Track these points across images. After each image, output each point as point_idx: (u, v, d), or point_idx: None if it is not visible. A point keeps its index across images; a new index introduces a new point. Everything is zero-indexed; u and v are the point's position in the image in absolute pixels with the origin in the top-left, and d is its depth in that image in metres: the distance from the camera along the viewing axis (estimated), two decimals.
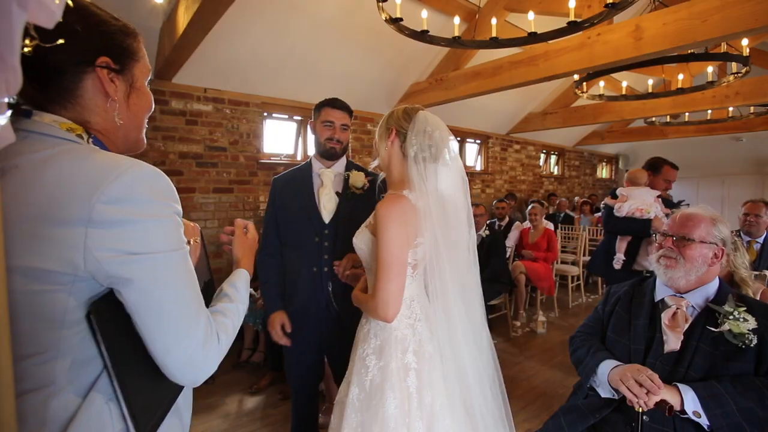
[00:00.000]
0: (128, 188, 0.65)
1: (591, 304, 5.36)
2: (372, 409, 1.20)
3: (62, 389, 0.65)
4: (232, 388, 3.06)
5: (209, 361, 0.73)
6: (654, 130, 7.93)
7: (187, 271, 0.72)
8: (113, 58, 0.74)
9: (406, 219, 1.21)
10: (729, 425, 1.17)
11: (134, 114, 0.81)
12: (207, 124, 4.01)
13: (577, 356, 1.52)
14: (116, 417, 0.69)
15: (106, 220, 0.62)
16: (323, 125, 1.84)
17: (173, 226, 0.70)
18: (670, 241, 1.43)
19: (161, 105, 3.73)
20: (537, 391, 3.07)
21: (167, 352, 0.68)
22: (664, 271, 1.42)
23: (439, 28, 3.93)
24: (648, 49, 3.02)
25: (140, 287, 0.66)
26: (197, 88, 3.91)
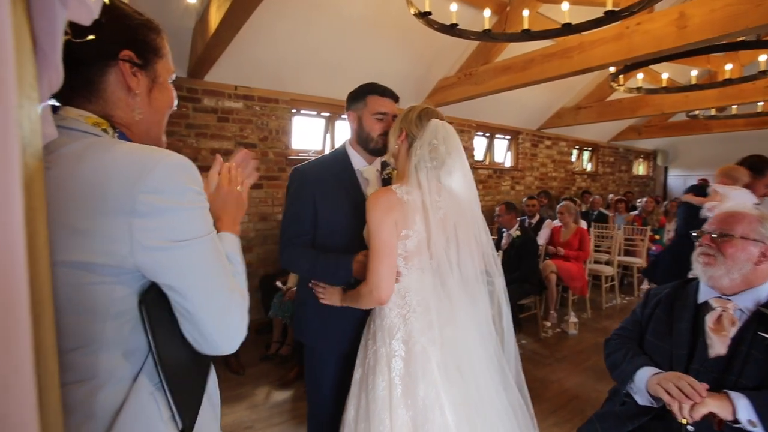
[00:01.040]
0: (167, 178, 0.66)
1: (626, 306, 5.15)
2: (367, 388, 1.32)
3: (107, 381, 0.67)
4: (260, 380, 3.13)
5: (245, 323, 0.77)
6: (697, 124, 7.52)
7: (219, 250, 0.75)
8: (136, 53, 0.75)
9: (391, 209, 1.31)
10: None
11: (155, 109, 0.82)
12: (237, 121, 4.10)
13: (613, 360, 1.45)
14: (163, 406, 0.71)
15: (149, 210, 0.64)
16: (374, 118, 1.56)
17: (206, 212, 0.73)
18: (708, 237, 1.35)
19: (194, 103, 3.84)
20: (568, 395, 2.98)
21: (217, 329, 0.72)
22: (703, 269, 1.35)
23: (469, 22, 3.86)
24: (693, 38, 2.85)
25: (187, 272, 0.68)
26: (228, 85, 4.00)
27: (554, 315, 4.39)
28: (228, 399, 2.81)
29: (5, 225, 0.38)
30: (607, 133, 8.70)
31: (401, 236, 1.34)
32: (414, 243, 1.35)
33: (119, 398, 0.67)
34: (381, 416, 1.25)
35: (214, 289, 0.71)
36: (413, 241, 1.35)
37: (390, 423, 1.24)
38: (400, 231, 1.33)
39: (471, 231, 1.40)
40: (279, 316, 3.44)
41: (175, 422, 0.71)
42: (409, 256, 1.37)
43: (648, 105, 5.98)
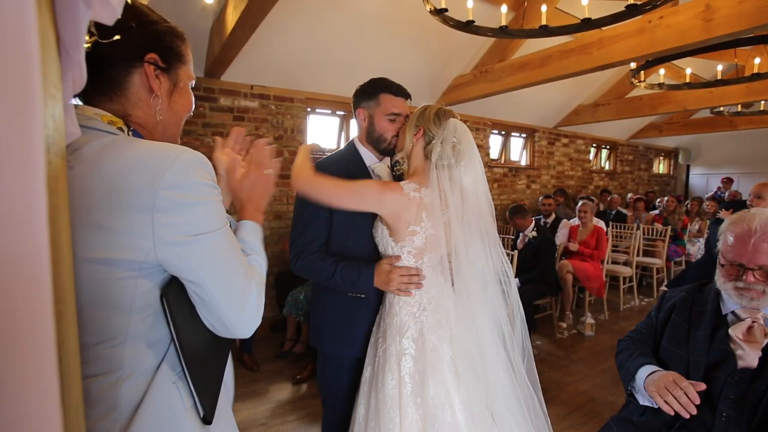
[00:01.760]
0: (184, 173, 0.68)
1: (644, 308, 5.04)
2: (377, 386, 1.33)
3: (131, 373, 0.69)
4: (275, 378, 3.16)
5: (261, 310, 0.79)
6: (722, 121, 7.31)
7: (234, 241, 0.77)
8: (161, 57, 0.78)
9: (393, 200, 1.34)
10: None
11: (174, 111, 0.84)
12: (253, 120, 4.14)
13: (620, 360, 1.43)
14: (185, 395, 0.73)
15: (169, 206, 0.66)
16: (387, 119, 1.51)
17: (219, 205, 0.75)
18: (751, 275, 1.23)
19: (210, 102, 3.89)
20: (585, 397, 2.93)
21: (235, 316, 0.74)
22: (749, 302, 1.25)
23: (486, 18, 3.81)
24: (720, 31, 2.76)
25: (205, 264, 0.70)
26: (244, 85, 4.05)
27: (570, 316, 4.32)
28: (243, 395, 2.84)
29: (30, 224, 0.38)
30: (627, 131, 8.52)
31: (408, 232, 1.36)
32: (422, 240, 1.37)
33: (142, 388, 0.69)
34: (390, 414, 1.26)
35: (231, 278, 0.73)
36: (421, 238, 1.37)
37: (399, 421, 1.24)
38: (405, 227, 1.36)
39: (483, 230, 1.40)
40: (293, 314, 3.47)
41: (196, 410, 0.74)
42: (418, 254, 1.38)
43: (670, 101, 5.82)
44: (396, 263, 1.40)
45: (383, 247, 1.45)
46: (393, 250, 1.41)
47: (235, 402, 3.04)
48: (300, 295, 3.43)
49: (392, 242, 1.40)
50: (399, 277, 1.38)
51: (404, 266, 1.40)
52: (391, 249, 1.41)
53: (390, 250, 1.42)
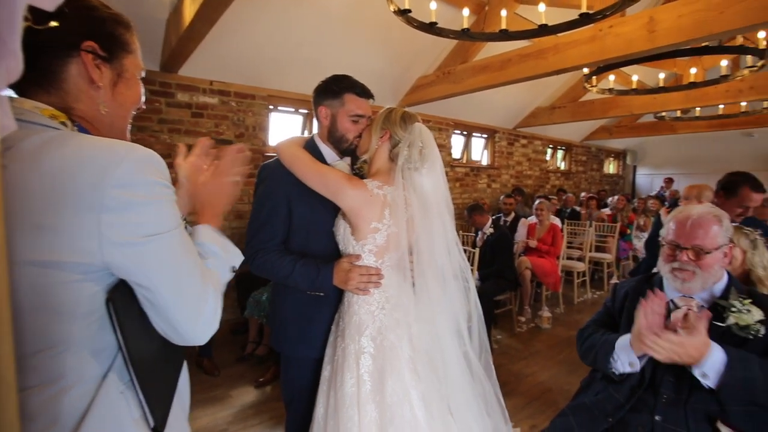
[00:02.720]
0: (135, 171, 0.64)
1: (596, 301, 5.32)
2: (336, 385, 1.33)
3: (74, 383, 0.64)
4: (237, 381, 3.07)
5: (218, 315, 0.76)
6: (663, 125, 7.82)
7: (188, 242, 0.74)
8: (101, 45, 0.73)
9: (355, 195, 1.36)
10: (743, 388, 1.14)
11: (120, 104, 0.79)
12: (213, 117, 3.99)
13: (591, 342, 1.48)
14: (133, 405, 0.69)
15: (118, 205, 0.62)
16: (350, 120, 1.49)
17: (173, 205, 0.71)
18: (685, 254, 1.34)
19: (167, 97, 3.72)
20: (542, 387, 3.05)
21: (189, 321, 0.71)
22: (681, 284, 1.36)
23: (448, 21, 3.86)
24: (662, 42, 2.95)
25: (156, 266, 0.67)
26: (203, 80, 3.90)
27: (528, 310, 4.49)
28: (202, 401, 2.74)
29: None
30: (580, 133, 8.94)
31: (370, 229, 1.37)
32: (383, 237, 1.38)
33: (87, 399, 0.65)
34: (349, 413, 1.26)
35: (185, 282, 0.70)
36: (382, 236, 1.38)
37: (358, 419, 1.25)
38: (367, 224, 1.37)
39: (443, 230, 1.43)
40: (255, 316, 3.38)
41: (146, 421, 0.70)
42: (379, 252, 1.40)
43: (618, 106, 6.17)
44: (356, 262, 1.40)
45: (344, 245, 1.45)
46: (354, 249, 1.41)
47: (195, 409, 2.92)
48: (262, 296, 3.35)
49: (353, 241, 1.40)
50: (358, 276, 1.38)
51: (364, 265, 1.40)
52: (352, 247, 1.42)
53: (351, 248, 1.42)
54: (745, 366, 1.15)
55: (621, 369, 1.35)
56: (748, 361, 1.16)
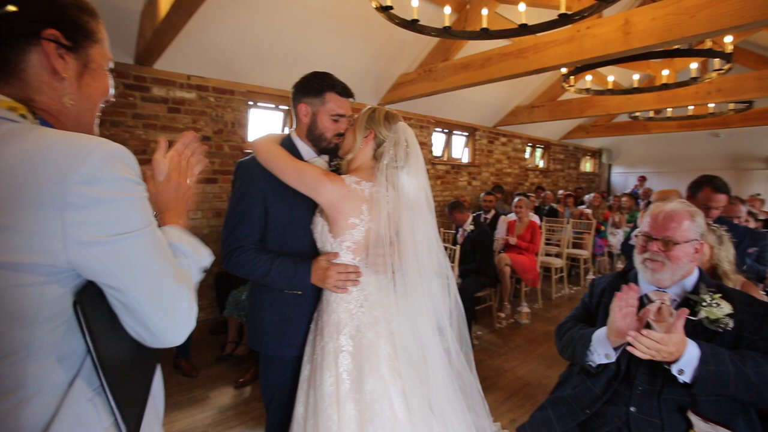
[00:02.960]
0: (102, 167, 0.61)
1: (574, 296, 5.45)
2: (315, 384, 1.32)
3: (37, 392, 0.61)
4: (216, 382, 3.01)
5: (194, 315, 0.74)
6: (637, 125, 8.06)
7: (161, 240, 0.71)
8: (64, 33, 0.69)
9: (333, 189, 1.36)
10: (715, 381, 1.18)
11: (87, 96, 0.75)
12: (190, 113, 3.90)
13: (569, 337, 1.51)
14: (104, 412, 0.66)
15: (84, 202, 0.59)
16: (331, 119, 1.48)
17: (144, 202, 0.68)
18: (655, 245, 1.40)
19: (142, 92, 3.61)
20: (521, 382, 3.11)
21: (164, 323, 0.68)
22: (651, 274, 1.41)
23: (430, 18, 3.89)
24: (636, 44, 3.03)
25: (127, 267, 0.64)
26: (180, 74, 3.79)
27: (508, 306, 4.57)
28: (179, 404, 2.69)
29: None
30: (558, 132, 9.12)
31: (348, 225, 1.37)
32: (361, 234, 1.38)
33: (51, 409, 0.61)
34: (329, 412, 1.26)
35: (158, 282, 0.67)
36: (360, 232, 1.38)
37: (338, 418, 1.25)
38: (345, 220, 1.37)
39: (426, 228, 1.44)
40: (235, 316, 3.33)
41: (117, 428, 0.67)
42: (357, 249, 1.40)
43: (595, 106, 6.31)
44: (334, 260, 1.40)
45: (322, 242, 1.44)
46: (332, 246, 1.41)
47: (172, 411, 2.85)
48: (242, 295, 3.30)
49: (331, 238, 1.40)
50: (336, 274, 1.37)
51: (342, 263, 1.40)
52: (329, 245, 1.41)
53: (329, 246, 1.41)
54: (717, 360, 1.20)
55: (598, 361, 1.38)
56: (720, 355, 1.21)
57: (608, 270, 6.62)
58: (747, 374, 1.17)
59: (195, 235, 0.85)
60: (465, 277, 3.92)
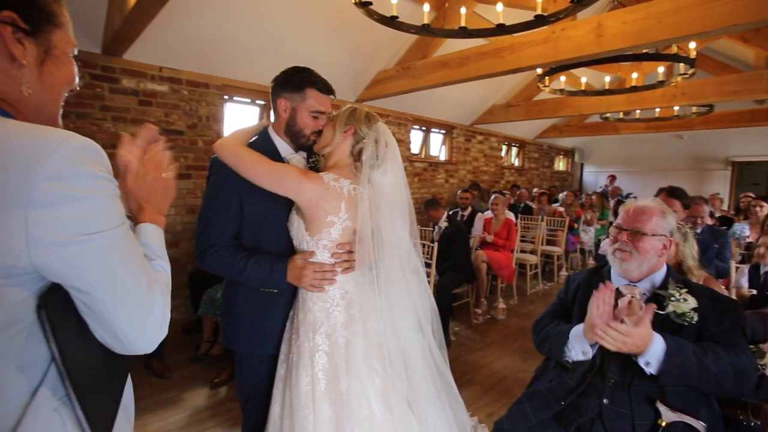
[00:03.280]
0: (70, 162, 0.57)
1: (548, 291, 5.60)
2: (291, 384, 1.31)
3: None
4: (190, 383, 2.94)
5: (167, 320, 0.70)
6: (608, 126, 8.32)
7: (133, 242, 0.67)
8: (22, 16, 0.64)
9: (311, 188, 1.34)
10: (679, 373, 1.24)
11: (49, 85, 0.70)
12: (162, 106, 3.77)
13: (546, 333, 1.55)
14: (70, 423, 0.62)
15: (49, 200, 0.55)
16: (311, 115, 1.46)
17: (116, 200, 0.65)
18: (625, 235, 1.47)
19: (110, 83, 3.46)
20: (498, 376, 3.17)
21: (135, 329, 0.64)
22: (620, 263, 1.47)
23: (409, 15, 3.88)
24: (608, 47, 3.12)
25: (96, 269, 0.60)
26: (152, 66, 3.66)
27: (485, 302, 4.64)
28: (152, 406, 2.61)
29: None
30: (533, 131, 9.31)
31: (326, 222, 1.36)
32: (338, 232, 1.37)
33: (11, 421, 0.57)
34: (305, 411, 1.25)
35: (130, 286, 0.63)
36: (337, 230, 1.37)
37: (314, 418, 1.24)
38: (323, 218, 1.35)
39: (404, 225, 1.45)
40: (210, 314, 3.26)
41: None
42: (334, 248, 1.39)
43: (568, 106, 6.48)
44: (310, 259, 1.38)
45: (298, 241, 1.42)
46: (308, 245, 1.39)
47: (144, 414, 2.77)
48: (217, 293, 3.23)
49: (308, 236, 1.38)
50: (312, 273, 1.36)
51: (318, 262, 1.38)
52: (306, 243, 1.40)
53: (305, 244, 1.40)
54: (681, 353, 1.25)
55: (575, 357, 1.42)
56: (684, 348, 1.27)
57: (580, 266, 6.82)
58: (708, 366, 1.23)
59: (166, 233, 0.82)
60: (442, 274, 3.95)
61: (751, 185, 9.13)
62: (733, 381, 1.23)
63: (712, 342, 1.31)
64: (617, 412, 1.34)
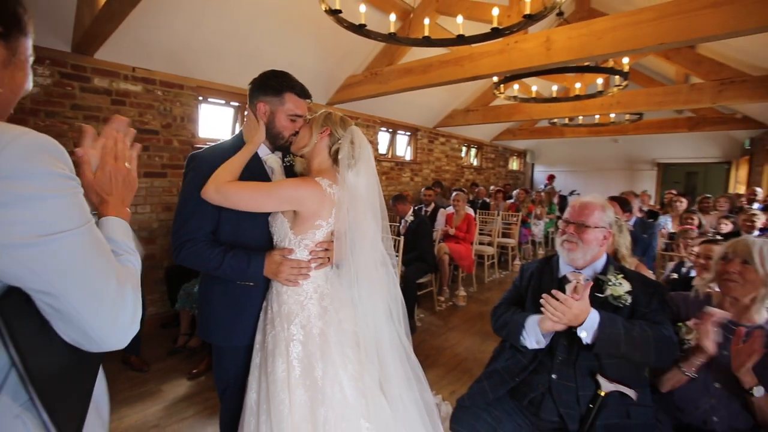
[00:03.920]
0: (25, 159, 0.52)
1: (504, 279, 5.77)
2: (267, 371, 1.30)
3: None
4: (168, 375, 2.82)
5: (138, 316, 0.65)
6: (555, 130, 8.65)
7: (99, 239, 0.62)
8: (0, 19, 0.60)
9: (312, 196, 1.32)
10: (609, 341, 1.32)
11: (11, 88, 0.66)
12: (136, 105, 3.57)
13: (503, 320, 1.59)
14: (35, 427, 0.57)
15: (5, 200, 0.50)
16: (289, 119, 1.44)
17: (78, 199, 0.60)
18: (571, 227, 1.54)
19: (81, 82, 3.24)
20: (459, 358, 3.24)
21: (106, 326, 0.59)
22: (567, 253, 1.54)
23: (376, 24, 3.85)
24: (556, 59, 3.24)
25: (61, 271, 0.55)
26: (125, 66, 3.45)
27: (447, 291, 4.73)
28: (130, 399, 2.49)
29: None
30: (490, 134, 9.54)
31: (314, 225, 1.35)
32: (323, 234, 1.37)
33: None
34: (281, 396, 1.25)
35: (99, 284, 0.59)
36: (323, 233, 1.37)
37: (289, 402, 1.24)
38: (313, 221, 1.34)
39: (376, 222, 1.45)
40: (187, 308, 3.14)
41: None
42: (313, 246, 1.38)
43: (521, 111, 6.68)
44: (288, 256, 1.36)
45: (280, 237, 1.40)
46: (291, 242, 1.37)
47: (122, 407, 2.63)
48: (194, 288, 3.11)
49: (292, 234, 1.36)
50: (289, 269, 1.35)
51: (295, 259, 1.37)
52: (288, 241, 1.37)
53: (287, 242, 1.37)
54: (612, 324, 1.34)
55: (530, 346, 1.47)
56: (615, 321, 1.35)
57: (532, 256, 7.07)
58: (634, 337, 1.32)
59: (142, 230, 0.77)
60: (408, 265, 3.99)
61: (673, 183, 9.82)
62: (654, 351, 1.32)
63: (642, 320, 1.40)
64: (564, 385, 1.41)
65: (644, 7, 2.80)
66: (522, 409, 1.49)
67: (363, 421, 1.24)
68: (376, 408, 1.29)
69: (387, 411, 1.30)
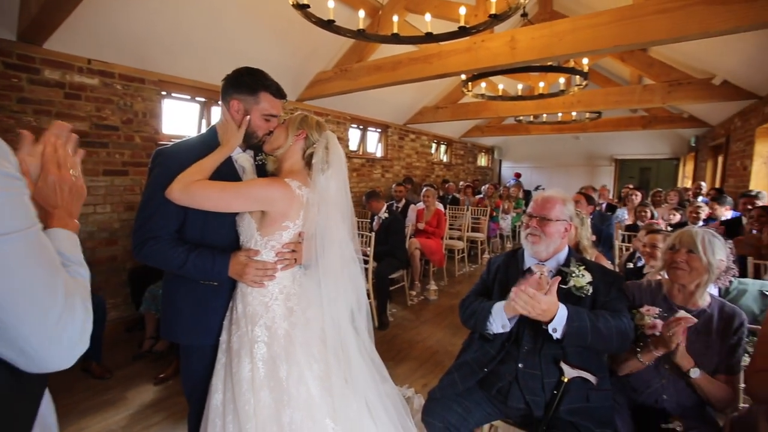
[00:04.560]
0: None
1: (473, 273, 5.89)
2: (232, 372, 1.29)
3: None
4: (133, 381, 2.69)
5: (88, 332, 0.60)
6: (521, 127, 8.90)
7: (46, 246, 0.57)
8: None
9: (282, 196, 1.30)
10: (577, 335, 1.37)
11: None
12: (93, 100, 3.35)
13: (471, 310, 1.61)
14: None
15: None
16: (263, 118, 1.39)
17: (23, 199, 0.54)
18: (534, 221, 1.59)
19: (30, 73, 3.01)
20: (431, 351, 3.28)
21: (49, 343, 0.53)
22: (531, 246, 1.59)
23: (345, 20, 3.80)
24: (520, 58, 3.32)
25: None
26: (79, 57, 3.23)
27: (418, 285, 4.78)
28: (91, 408, 2.35)
29: None
30: (459, 131, 9.68)
31: (281, 227, 1.33)
32: (290, 236, 1.35)
33: None
34: (246, 396, 1.23)
35: (40, 296, 0.53)
36: (290, 234, 1.35)
37: (254, 403, 1.22)
38: (281, 222, 1.32)
39: (345, 224, 1.44)
40: (153, 311, 3.00)
41: None
42: (280, 248, 1.36)
43: (488, 109, 6.82)
44: (254, 257, 1.33)
45: (246, 238, 1.36)
46: (257, 244, 1.34)
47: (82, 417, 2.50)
48: (159, 289, 2.98)
49: (258, 235, 1.33)
50: (254, 271, 1.32)
51: (261, 261, 1.34)
52: (254, 242, 1.34)
53: (254, 243, 1.34)
54: (579, 318, 1.38)
55: (496, 330, 1.51)
56: (581, 314, 1.40)
57: (500, 249, 7.27)
58: (599, 328, 1.38)
59: (102, 231, 0.72)
60: (380, 261, 4.00)
61: (629, 178, 10.37)
62: (616, 340, 1.39)
63: (602, 309, 1.47)
64: (530, 373, 1.45)
65: (602, 11, 2.92)
66: (491, 398, 1.53)
67: (329, 420, 1.24)
68: (342, 406, 1.28)
69: (354, 409, 1.30)
